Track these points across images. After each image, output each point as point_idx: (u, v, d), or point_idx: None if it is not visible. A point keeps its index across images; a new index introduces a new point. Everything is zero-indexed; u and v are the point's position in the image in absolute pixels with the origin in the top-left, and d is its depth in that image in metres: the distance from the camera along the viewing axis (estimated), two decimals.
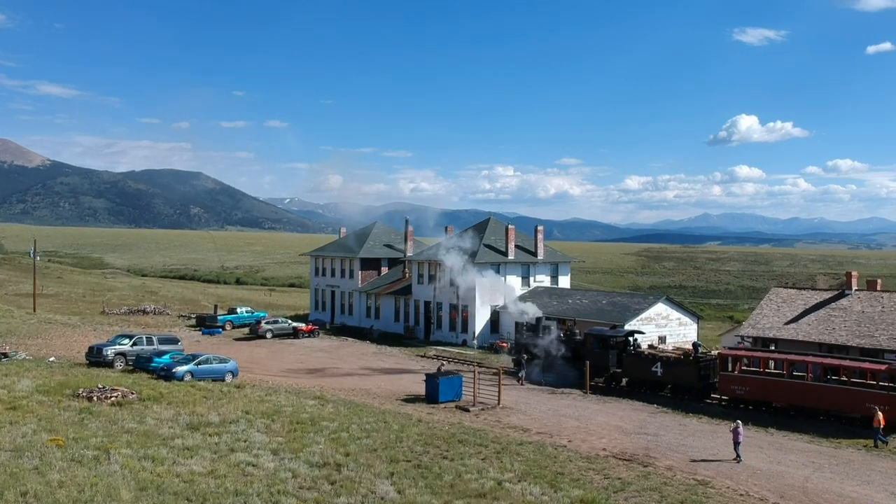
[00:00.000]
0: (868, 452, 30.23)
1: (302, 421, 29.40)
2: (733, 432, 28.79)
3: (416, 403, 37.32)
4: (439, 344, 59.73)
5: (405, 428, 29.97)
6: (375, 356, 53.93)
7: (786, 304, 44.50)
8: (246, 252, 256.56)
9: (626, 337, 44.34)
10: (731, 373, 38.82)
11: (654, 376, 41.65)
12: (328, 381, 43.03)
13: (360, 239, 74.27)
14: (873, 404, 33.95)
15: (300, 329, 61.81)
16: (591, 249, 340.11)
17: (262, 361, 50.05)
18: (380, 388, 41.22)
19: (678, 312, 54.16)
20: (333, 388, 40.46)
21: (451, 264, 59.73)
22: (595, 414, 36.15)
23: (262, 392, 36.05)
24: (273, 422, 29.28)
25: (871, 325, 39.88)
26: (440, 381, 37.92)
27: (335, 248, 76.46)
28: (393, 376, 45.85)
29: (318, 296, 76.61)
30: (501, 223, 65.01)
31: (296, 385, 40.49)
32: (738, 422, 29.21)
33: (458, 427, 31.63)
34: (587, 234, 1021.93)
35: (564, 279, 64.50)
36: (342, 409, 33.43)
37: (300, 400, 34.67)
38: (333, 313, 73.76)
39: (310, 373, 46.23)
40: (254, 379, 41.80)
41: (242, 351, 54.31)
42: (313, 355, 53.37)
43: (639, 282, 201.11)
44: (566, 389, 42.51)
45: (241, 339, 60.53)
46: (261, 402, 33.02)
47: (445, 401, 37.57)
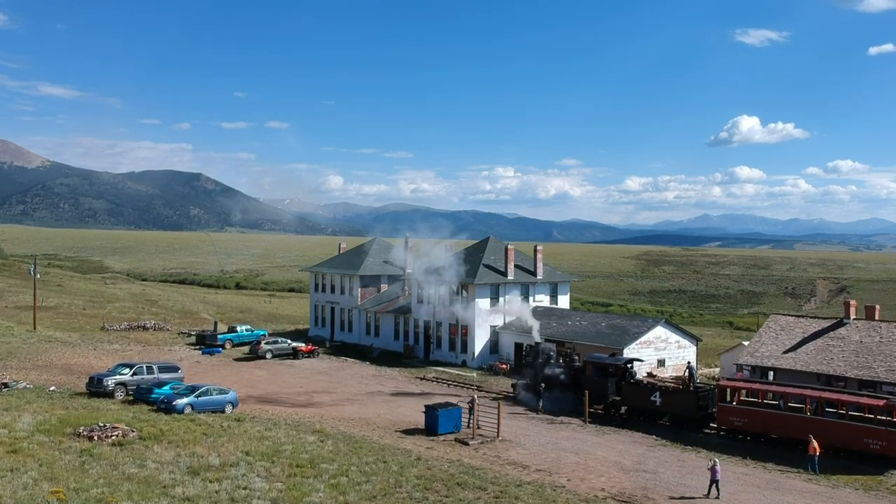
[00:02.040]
0: (866, 493, 30.33)
1: (301, 464, 29.47)
2: (711, 470, 29.24)
3: (416, 436, 37.39)
4: (439, 364, 59.84)
5: (404, 469, 30.06)
6: (375, 379, 54.04)
7: (784, 331, 44.62)
8: (246, 255, 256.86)
9: (626, 365, 44.48)
10: (729, 404, 38.98)
11: (653, 405, 41.81)
12: (328, 409, 43.12)
13: (360, 255, 74.36)
14: (871, 439, 34.20)
15: (300, 349, 61.92)
16: (591, 252, 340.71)
17: (263, 385, 50.15)
18: (379, 418, 41.30)
19: (677, 335, 54.25)
20: (333, 418, 40.57)
21: (451, 283, 59.93)
22: (594, 447, 36.25)
23: (261, 427, 36.12)
24: (273, 464, 29.36)
25: (868, 356, 39.99)
26: (440, 414, 38.00)
27: (334, 264, 76.56)
28: (392, 402, 45.96)
29: (317, 312, 76.70)
30: (501, 243, 65.10)
31: (295, 416, 40.58)
32: (716, 460, 30.17)
33: (458, 465, 31.72)
34: (587, 234, 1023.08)
35: (564, 298, 64.60)
36: (342, 445, 33.52)
37: (300, 436, 34.76)
38: (333, 330, 73.88)
39: (309, 399, 46.29)
40: (254, 409, 41.87)
41: (242, 373, 54.46)
42: (313, 378, 53.47)
43: (638, 286, 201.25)
44: (565, 418, 42.63)
45: (240, 360, 60.67)
46: (260, 440, 33.10)
47: (445, 432, 37.68)
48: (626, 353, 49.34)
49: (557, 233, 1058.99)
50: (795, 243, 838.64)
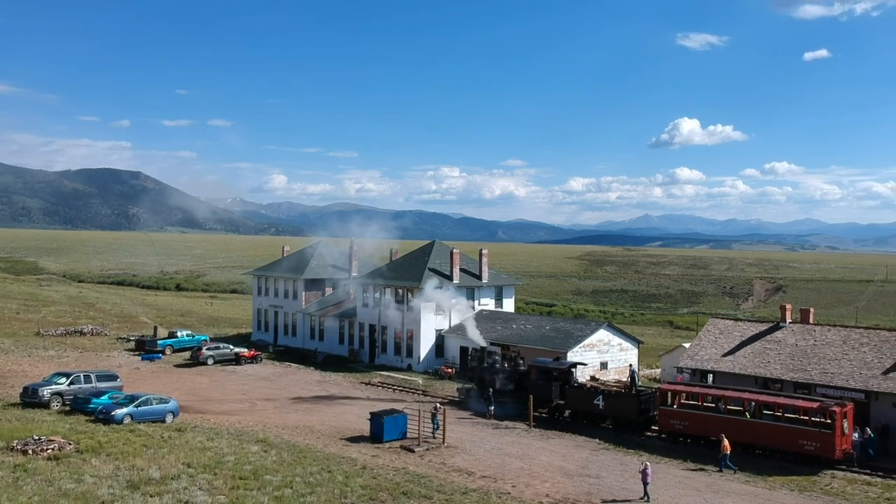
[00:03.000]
0: (801, 494, 31.15)
1: (244, 475, 29.04)
2: (642, 473, 29.88)
3: (361, 444, 37.16)
4: (384, 368, 59.64)
5: (350, 478, 29.86)
6: (319, 385, 53.60)
7: (723, 335, 45.58)
8: (186, 256, 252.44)
9: (569, 368, 44.95)
10: (670, 407, 39.68)
11: (596, 409, 42.35)
12: (271, 417, 42.60)
13: (304, 258, 73.71)
14: (806, 441, 35.16)
15: (242, 355, 61.08)
16: (536, 252, 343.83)
17: (204, 393, 49.33)
18: (324, 425, 40.95)
19: (619, 338, 55.06)
20: (277, 427, 40.09)
21: (396, 287, 59.80)
22: (539, 452, 36.50)
23: (203, 437, 35.51)
24: (215, 476, 28.86)
25: (803, 359, 41.10)
26: (385, 421, 37.84)
27: (278, 267, 75.74)
28: (337, 409, 45.60)
29: (260, 316, 75.80)
30: (446, 247, 65.24)
31: (238, 425, 39.99)
32: (647, 463, 30.78)
33: (403, 474, 31.62)
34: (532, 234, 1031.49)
35: (509, 301, 65.00)
36: (286, 455, 33.14)
37: (243, 446, 34.26)
38: (276, 334, 73.09)
39: (252, 407, 45.68)
40: (195, 418, 41.15)
41: (184, 380, 53.49)
42: (256, 385, 52.79)
43: (581, 286, 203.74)
44: (510, 423, 42.85)
45: (181, 366, 59.57)
46: (202, 451, 32.53)
47: (390, 440, 37.53)
48: (569, 357, 49.89)
49: (502, 233, 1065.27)
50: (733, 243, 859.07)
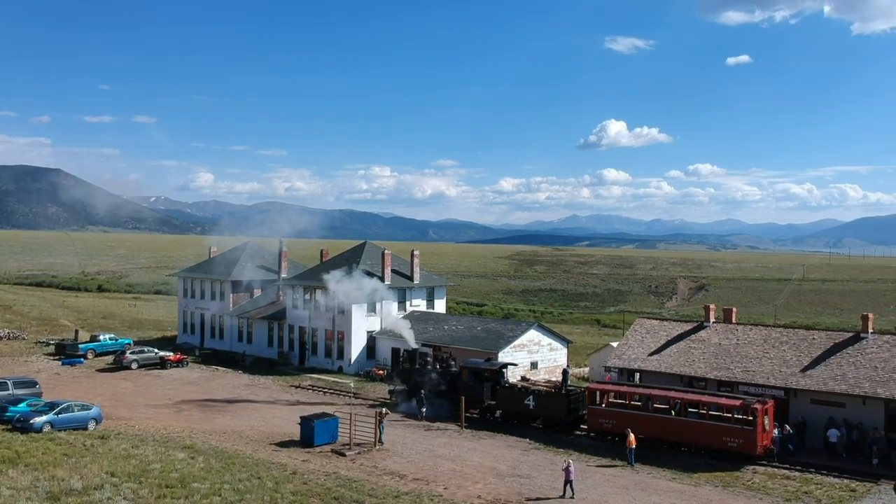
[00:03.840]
0: (725, 490, 32.00)
1: (171, 483, 28.37)
2: (565, 471, 30.50)
3: (291, 448, 36.68)
4: (314, 371, 59.04)
5: (280, 484, 29.45)
6: (248, 388, 52.72)
7: (649, 334, 46.52)
8: (108, 256, 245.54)
9: (500, 369, 45.24)
10: (598, 406, 40.31)
11: (527, 409, 42.73)
12: (198, 423, 41.69)
13: (232, 259, 72.39)
14: (729, 438, 36.15)
15: (168, 359, 59.64)
16: (466, 252, 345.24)
17: (129, 398, 47.99)
18: (253, 430, 40.28)
19: (549, 338, 55.70)
20: (204, 432, 39.27)
21: (327, 289, 59.19)
22: (470, 453, 36.63)
23: (127, 444, 34.56)
24: (140, 485, 28.13)
25: (726, 358, 42.25)
26: (315, 424, 37.42)
27: (205, 268, 74.20)
28: (266, 413, 44.92)
29: (186, 318, 74.15)
30: (377, 247, 64.98)
31: (164, 430, 39.03)
32: (570, 460, 31.73)
33: (335, 478, 31.35)
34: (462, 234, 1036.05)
35: (440, 303, 65.11)
36: (213, 462, 32.50)
37: (169, 453, 33.47)
38: (203, 337, 71.61)
39: (178, 412, 44.62)
40: (119, 424, 39.98)
41: (106, 385, 51.97)
42: (182, 389, 51.61)
43: (511, 286, 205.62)
44: (442, 424, 42.89)
45: (104, 371, 57.87)
46: (126, 459, 31.66)
47: (321, 444, 37.14)
48: (500, 357, 50.22)
49: (433, 232, 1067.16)
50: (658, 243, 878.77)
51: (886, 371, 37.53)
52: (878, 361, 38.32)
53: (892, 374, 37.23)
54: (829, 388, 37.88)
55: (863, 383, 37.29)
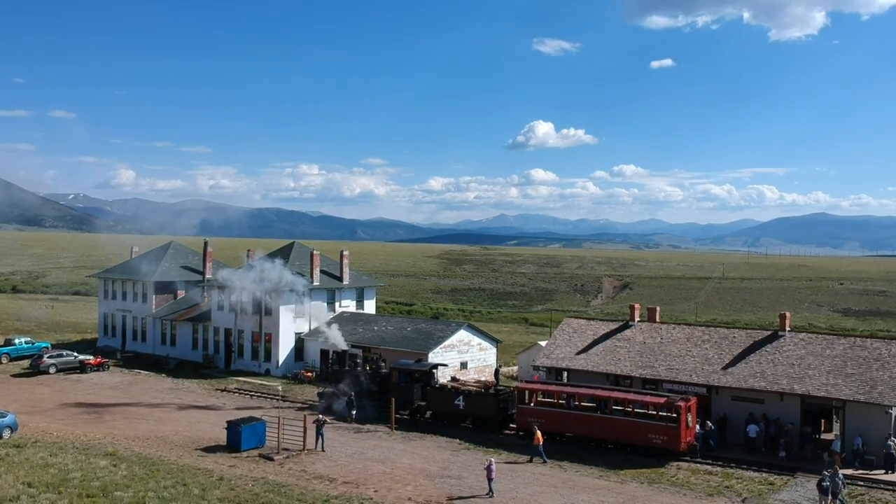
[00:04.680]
0: (650, 486, 32.68)
1: (92, 493, 27.49)
2: (486, 470, 30.82)
3: (217, 453, 35.94)
4: (241, 374, 58.06)
5: (206, 491, 28.85)
6: (172, 392, 51.49)
7: (577, 334, 47.20)
8: (24, 255, 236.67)
9: (431, 370, 45.27)
10: (527, 405, 40.70)
11: (457, 409, 42.86)
12: (121, 429, 40.50)
13: (155, 260, 70.60)
14: (654, 435, 36.96)
15: (88, 362, 57.79)
16: (395, 251, 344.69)
17: (46, 405, 46.31)
18: (177, 435, 39.34)
19: (479, 338, 56.04)
20: (126, 438, 38.17)
21: (254, 290, 58.31)
22: (401, 455, 36.54)
23: (45, 453, 33.34)
24: (59, 495, 27.17)
25: (651, 356, 43.19)
26: (243, 429, 36.78)
27: (126, 269, 72.06)
28: (191, 418, 43.95)
29: (107, 321, 71.98)
30: (306, 248, 64.28)
31: (85, 438, 37.78)
32: (492, 459, 31.97)
33: (263, 483, 30.87)
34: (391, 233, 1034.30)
35: (370, 303, 64.82)
36: (137, 469, 31.62)
37: (90, 460, 32.42)
38: (125, 340, 69.64)
39: (99, 418, 43.25)
40: (36, 432, 38.52)
41: (22, 391, 50.07)
42: (103, 394, 50.08)
43: (441, 285, 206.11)
44: (372, 426, 42.68)
45: (20, 376, 55.75)
46: (45, 469, 30.53)
47: (248, 448, 36.52)
48: (430, 358, 50.30)
49: (362, 231, 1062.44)
50: (584, 242, 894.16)
51: (802, 368, 38.91)
52: (795, 359, 39.70)
53: (807, 370, 38.63)
54: (749, 385, 39.07)
55: (780, 380, 38.59)
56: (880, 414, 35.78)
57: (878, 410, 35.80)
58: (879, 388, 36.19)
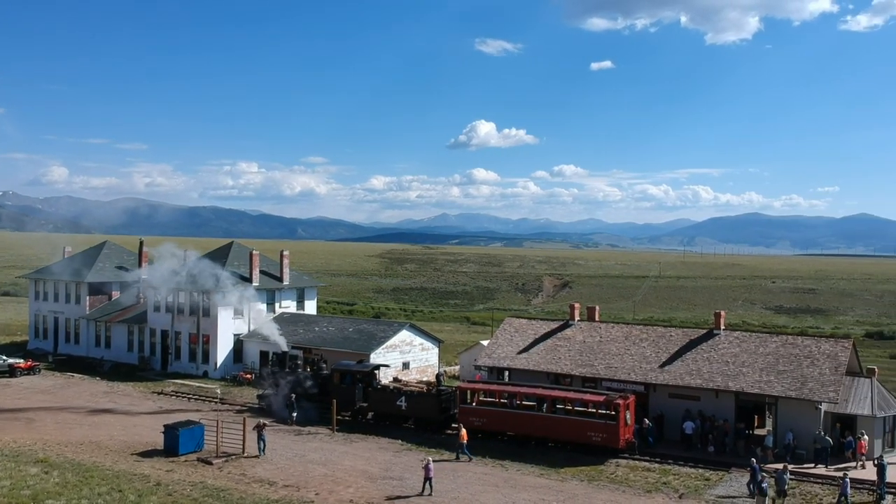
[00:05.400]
0: (590, 483, 33.12)
1: (23, 501, 26.69)
2: (424, 468, 31.01)
3: (154, 458, 35.21)
4: (178, 376, 56.96)
5: (143, 497, 28.26)
6: (107, 396, 50.24)
7: (518, 333, 47.53)
8: None
9: (372, 371, 45.08)
10: (469, 405, 40.85)
11: (399, 409, 42.77)
12: (52, 434, 39.33)
13: (88, 260, 68.75)
14: (593, 432, 37.47)
15: (17, 366, 55.98)
16: (337, 250, 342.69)
17: None
18: (112, 440, 38.39)
19: (421, 338, 56.06)
20: (59, 444, 37.10)
21: (192, 291, 57.35)
22: (342, 457, 36.31)
23: None
24: None
25: (591, 355, 43.75)
26: (180, 433, 36.10)
27: (58, 269, 69.91)
28: (127, 422, 42.91)
29: (38, 322, 69.86)
30: (245, 248, 63.39)
31: (14, 444, 36.60)
32: (429, 458, 32.17)
33: (201, 488, 30.37)
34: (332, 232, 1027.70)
35: (311, 304, 64.24)
36: (70, 476, 30.78)
37: (20, 468, 31.45)
38: (57, 342, 67.69)
39: (30, 424, 41.94)
40: None
41: None
42: (34, 398, 48.56)
43: (382, 285, 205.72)
44: (313, 428, 42.30)
45: None
46: None
47: (186, 452, 35.87)
48: (372, 359, 50.13)
49: (302, 230, 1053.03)
50: (525, 241, 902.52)
51: (736, 365, 39.88)
52: (729, 356, 40.67)
53: (741, 368, 39.61)
54: (686, 382, 39.89)
55: (715, 377, 39.48)
56: (810, 410, 36.92)
57: (808, 406, 36.93)
58: (810, 384, 37.32)
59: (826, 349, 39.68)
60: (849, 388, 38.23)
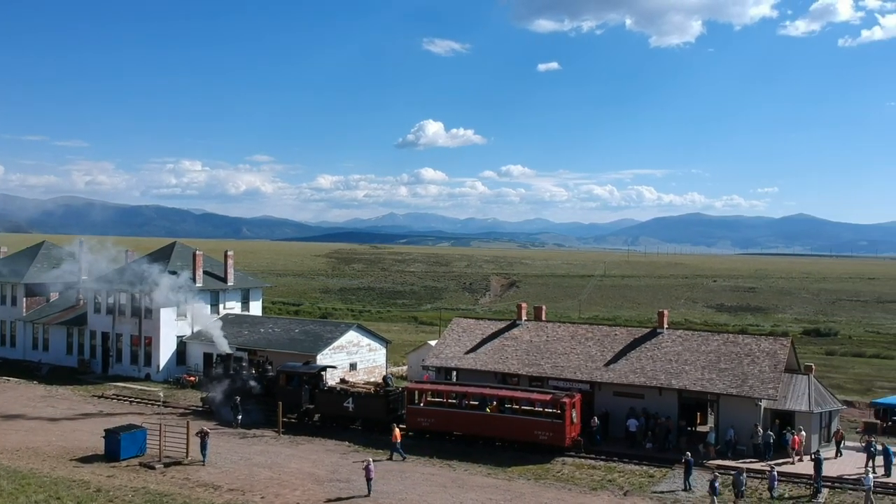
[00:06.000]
0: (537, 482, 33.35)
1: None
2: (365, 469, 31.05)
3: (95, 463, 34.40)
4: (119, 379, 55.75)
5: None
6: (44, 400, 48.89)
7: (466, 333, 47.64)
8: None
9: (319, 372, 44.73)
10: (417, 405, 40.83)
11: (346, 411, 42.51)
12: None
13: (25, 260, 66.80)
14: (540, 431, 37.76)
15: None
16: (282, 250, 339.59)
17: None
18: (50, 446, 37.38)
19: (368, 339, 55.81)
20: None
21: (133, 292, 56.18)
22: (288, 460, 35.94)
23: None
24: None
25: (537, 355, 44.07)
26: (122, 437, 35.35)
27: None
28: (66, 427, 41.84)
29: None
30: (189, 248, 62.33)
31: None
32: (370, 459, 32.36)
33: (143, 494, 29.77)
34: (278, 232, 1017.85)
35: (256, 305, 63.45)
36: (5, 483, 29.90)
37: None
38: None
39: None
40: None
41: None
42: None
43: (329, 284, 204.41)
44: (258, 431, 41.78)
45: None
46: None
47: (128, 457, 35.13)
48: (319, 360, 49.74)
49: (247, 230, 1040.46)
50: (472, 241, 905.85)
51: (679, 363, 40.60)
52: (672, 355, 41.38)
53: (684, 366, 40.34)
54: (630, 380, 40.46)
55: (659, 375, 40.14)
56: (751, 406, 37.77)
57: (748, 403, 37.79)
58: (750, 381, 38.19)
59: (766, 347, 40.66)
60: (787, 384, 39.20)
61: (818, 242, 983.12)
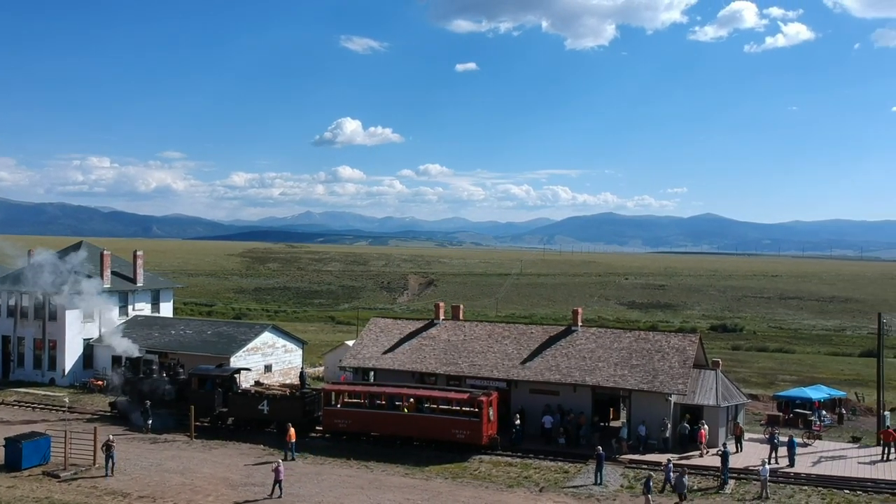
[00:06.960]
0: (455, 481, 33.49)
1: None
2: (274, 471, 30.86)
3: None
4: (22, 384, 53.36)
5: None
6: None
7: (384, 333, 47.47)
8: None
9: (233, 375, 43.86)
10: (334, 407, 40.48)
11: (261, 414, 41.77)
12: None
13: None
14: (458, 430, 37.94)
15: None
16: (194, 249, 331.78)
17: None
18: None
19: (284, 340, 54.99)
20: None
21: (36, 293, 53.92)
22: (201, 465, 35.13)
23: None
24: None
25: (455, 354, 44.25)
26: (23, 445, 33.88)
27: None
28: None
29: None
30: (96, 247, 60.20)
31: None
32: (279, 460, 32.41)
33: None
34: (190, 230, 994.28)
35: (167, 306, 61.73)
36: None
37: None
38: None
39: None
40: None
41: None
42: None
43: (243, 284, 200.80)
44: (169, 436, 40.67)
45: None
46: None
47: (30, 466, 33.71)
48: (233, 362, 48.80)
49: (158, 228, 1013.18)
50: (390, 240, 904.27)
51: (593, 361, 41.41)
52: (586, 352, 42.18)
53: (597, 363, 41.16)
54: (545, 378, 41.05)
55: (573, 372, 40.85)
56: (661, 401, 38.84)
57: (659, 398, 38.84)
58: (660, 377, 39.25)
59: (675, 343, 41.87)
60: (696, 379, 40.42)
61: (724, 241, 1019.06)
